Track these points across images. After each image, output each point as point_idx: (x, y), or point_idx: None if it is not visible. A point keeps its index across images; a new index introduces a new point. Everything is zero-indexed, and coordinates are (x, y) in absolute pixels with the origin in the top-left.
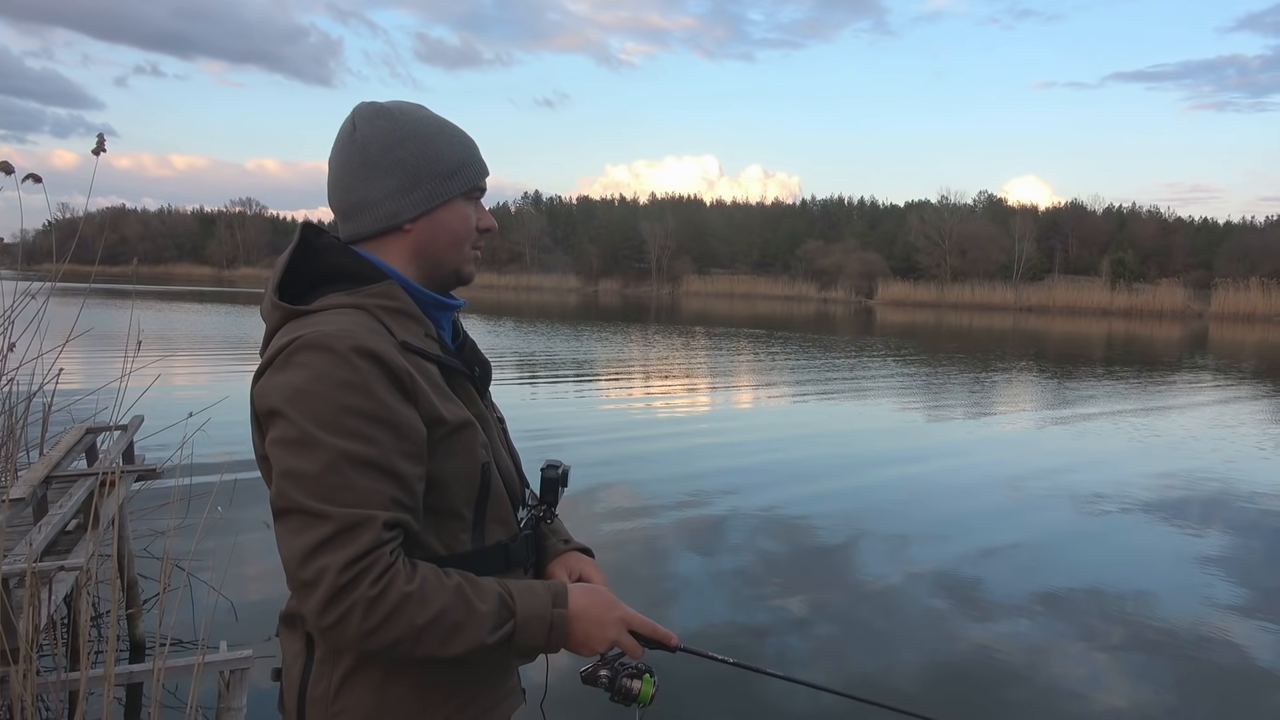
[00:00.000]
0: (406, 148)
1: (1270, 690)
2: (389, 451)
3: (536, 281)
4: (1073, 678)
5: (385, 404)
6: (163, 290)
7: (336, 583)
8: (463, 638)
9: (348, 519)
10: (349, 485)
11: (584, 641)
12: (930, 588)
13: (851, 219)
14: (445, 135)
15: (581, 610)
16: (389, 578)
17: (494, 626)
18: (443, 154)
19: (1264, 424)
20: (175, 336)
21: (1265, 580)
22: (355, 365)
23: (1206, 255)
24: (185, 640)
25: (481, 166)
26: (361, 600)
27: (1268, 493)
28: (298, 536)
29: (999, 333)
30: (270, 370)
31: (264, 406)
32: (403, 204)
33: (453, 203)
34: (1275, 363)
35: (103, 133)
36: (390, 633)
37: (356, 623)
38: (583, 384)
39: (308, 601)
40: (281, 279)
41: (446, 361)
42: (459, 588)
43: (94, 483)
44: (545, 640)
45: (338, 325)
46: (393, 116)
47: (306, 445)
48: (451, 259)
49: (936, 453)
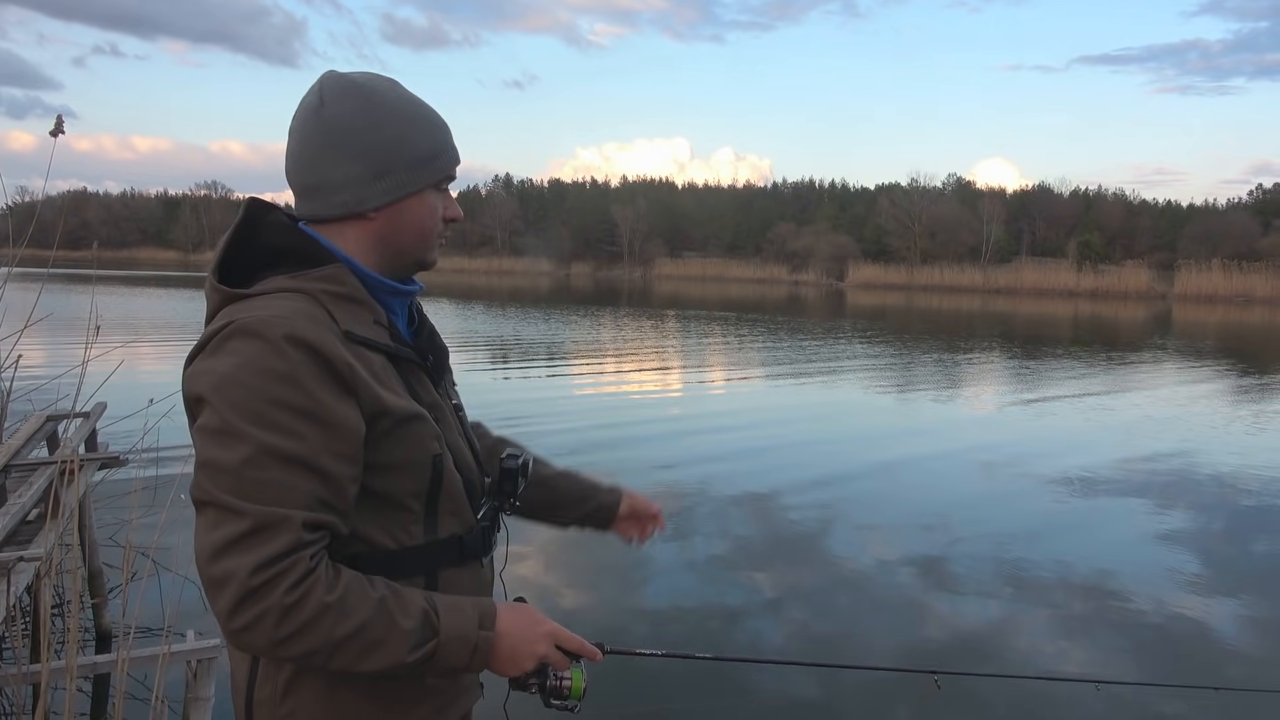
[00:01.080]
0: (377, 132)
1: (1229, 662)
2: (316, 449)
3: (509, 265)
4: (1042, 653)
5: (315, 398)
6: (126, 275)
7: (248, 584)
8: (380, 654)
9: (264, 517)
10: (268, 481)
11: (510, 660)
12: (899, 567)
13: (823, 202)
14: (419, 121)
15: (507, 629)
16: (307, 585)
17: (414, 645)
18: (415, 141)
19: (1223, 403)
20: (139, 322)
21: (1226, 555)
22: (286, 355)
23: (1170, 237)
24: (153, 629)
25: (454, 155)
26: (275, 607)
27: (1228, 469)
28: (210, 532)
29: (967, 314)
30: (201, 355)
31: (191, 393)
32: (368, 192)
33: (422, 194)
34: (1234, 343)
35: (61, 114)
36: (303, 644)
37: (268, 630)
38: (554, 369)
39: (216, 602)
40: (223, 259)
41: (395, 350)
42: (383, 601)
43: (55, 471)
44: (467, 661)
45: (273, 311)
46: (364, 95)
47: (227, 436)
48: (416, 250)
49: (905, 433)
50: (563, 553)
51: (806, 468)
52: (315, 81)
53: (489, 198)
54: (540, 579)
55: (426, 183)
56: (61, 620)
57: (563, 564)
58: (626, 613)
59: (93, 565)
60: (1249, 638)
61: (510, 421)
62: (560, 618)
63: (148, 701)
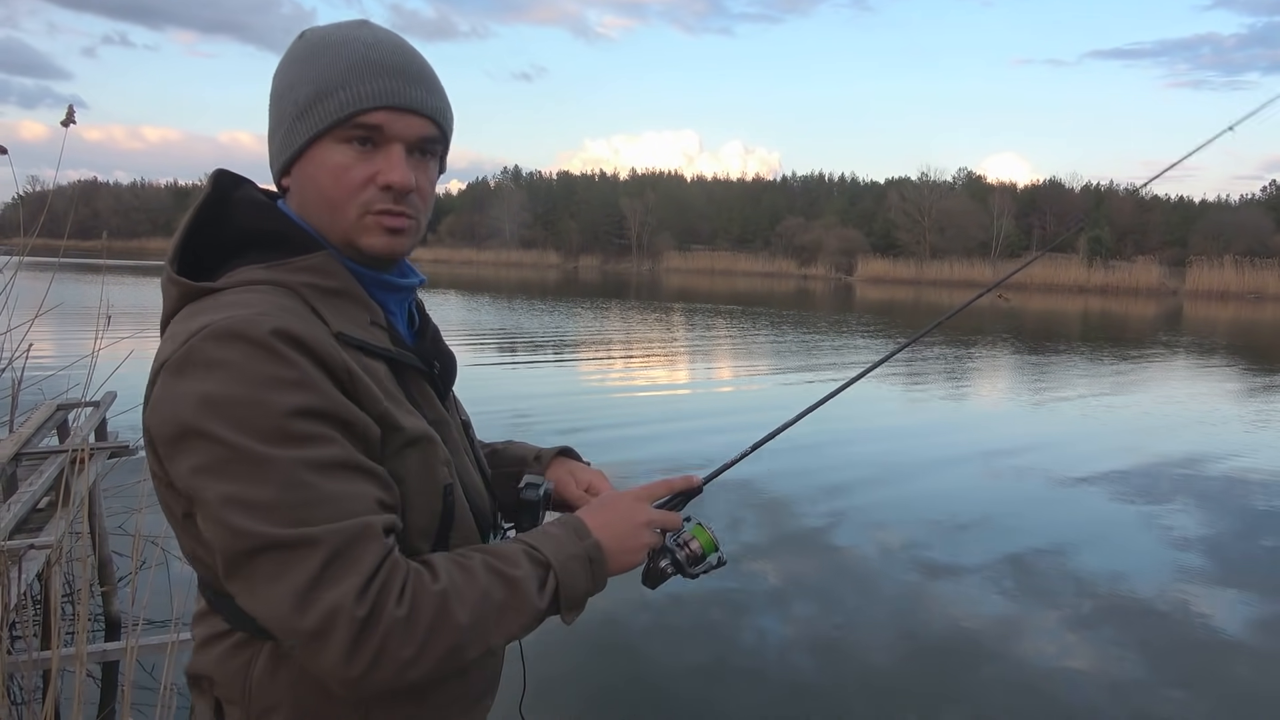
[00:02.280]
0: (278, 77)
1: (1235, 659)
2: (351, 450)
3: (516, 257)
4: (1045, 652)
5: (330, 396)
6: (136, 265)
7: (356, 615)
8: (514, 614)
9: (340, 535)
10: (325, 497)
11: (625, 553)
12: (903, 559)
13: (831, 196)
14: (318, 55)
15: (604, 526)
16: (412, 585)
17: (539, 586)
18: (303, 80)
19: (1235, 402)
20: (148, 312)
21: (1233, 553)
22: (283, 354)
23: (1182, 233)
24: (161, 618)
25: (358, 91)
26: (395, 626)
27: (1238, 467)
28: (278, 581)
29: (976, 310)
30: (166, 374)
31: (167, 428)
32: (272, 151)
33: (315, 148)
34: (1247, 340)
35: (72, 104)
36: (439, 646)
37: (396, 653)
38: (562, 361)
39: (323, 656)
40: (183, 244)
41: (397, 356)
42: (484, 563)
43: (65, 460)
44: (589, 577)
45: (250, 306)
46: (298, 40)
47: (249, 466)
48: (334, 225)
49: (913, 429)
50: None
51: (811, 465)
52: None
53: (497, 190)
54: None
55: (311, 131)
56: (71, 608)
57: None
58: (631, 604)
59: (102, 553)
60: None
61: (513, 419)
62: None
63: (155, 689)
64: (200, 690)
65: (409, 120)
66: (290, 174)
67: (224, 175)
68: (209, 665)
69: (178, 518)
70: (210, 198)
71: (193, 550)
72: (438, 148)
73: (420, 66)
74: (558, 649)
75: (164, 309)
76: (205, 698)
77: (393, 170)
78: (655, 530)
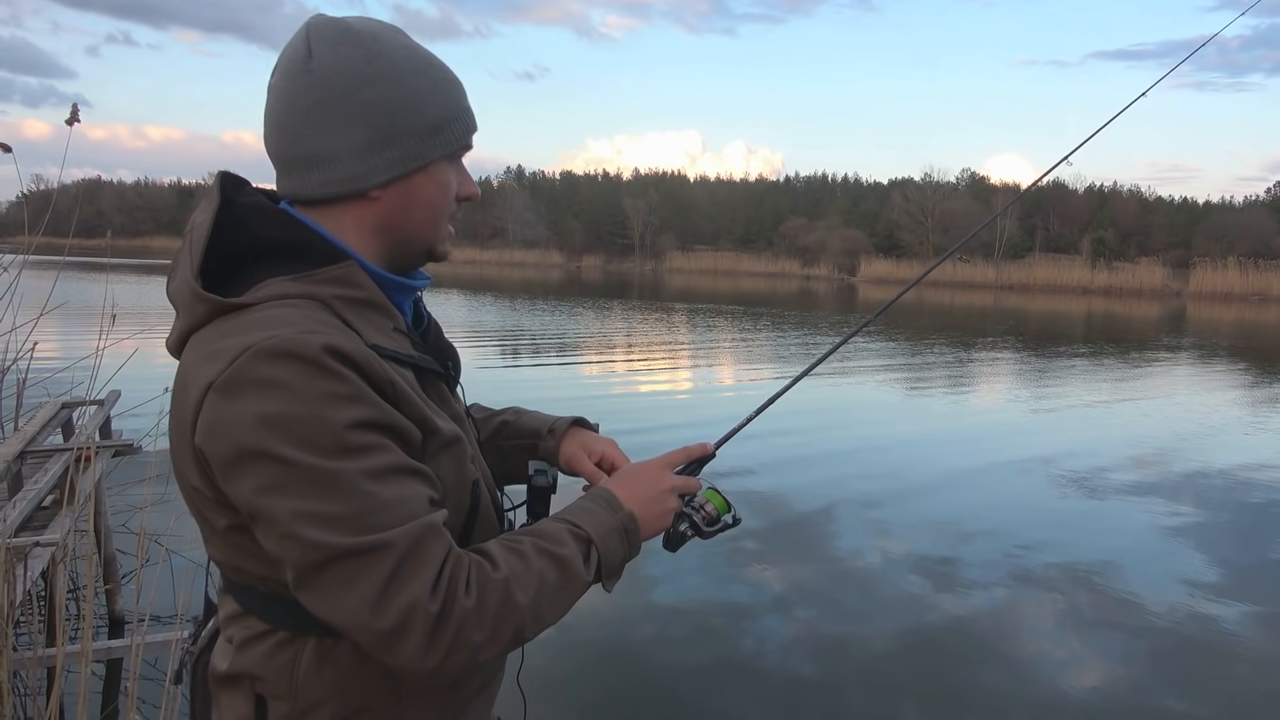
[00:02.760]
0: (378, 88)
1: (1235, 661)
2: (403, 455)
3: (519, 257)
4: (1050, 655)
5: (383, 409)
6: (140, 264)
7: (432, 611)
8: (568, 590)
9: (409, 537)
10: (390, 502)
11: (653, 520)
12: (906, 564)
13: (834, 196)
14: (430, 76)
15: (633, 496)
16: (475, 576)
17: (584, 561)
18: (427, 101)
19: (1237, 404)
20: (152, 310)
21: (1236, 556)
22: (335, 370)
23: (1185, 234)
24: (165, 615)
25: (471, 119)
26: (467, 616)
27: (1240, 470)
28: (353, 586)
29: (980, 311)
30: (217, 396)
31: (225, 450)
32: (371, 165)
33: (434, 166)
34: (1250, 342)
35: (76, 103)
36: (506, 630)
37: (472, 639)
38: (565, 363)
39: (403, 651)
40: (203, 256)
41: (420, 361)
42: (535, 546)
43: (70, 458)
44: (624, 546)
45: (293, 324)
46: (361, 43)
47: (317, 482)
48: (425, 236)
49: (915, 430)
50: None
51: (811, 467)
52: (300, 27)
53: (501, 189)
54: None
55: (440, 153)
56: (75, 605)
57: None
58: (638, 609)
59: (106, 551)
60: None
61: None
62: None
63: (160, 685)
64: (237, 688)
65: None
66: (389, 188)
67: (227, 178)
68: (252, 664)
69: (217, 529)
70: (222, 203)
71: (227, 558)
72: None
73: None
74: (561, 652)
75: (184, 321)
76: (244, 694)
77: (471, 185)
78: (677, 495)
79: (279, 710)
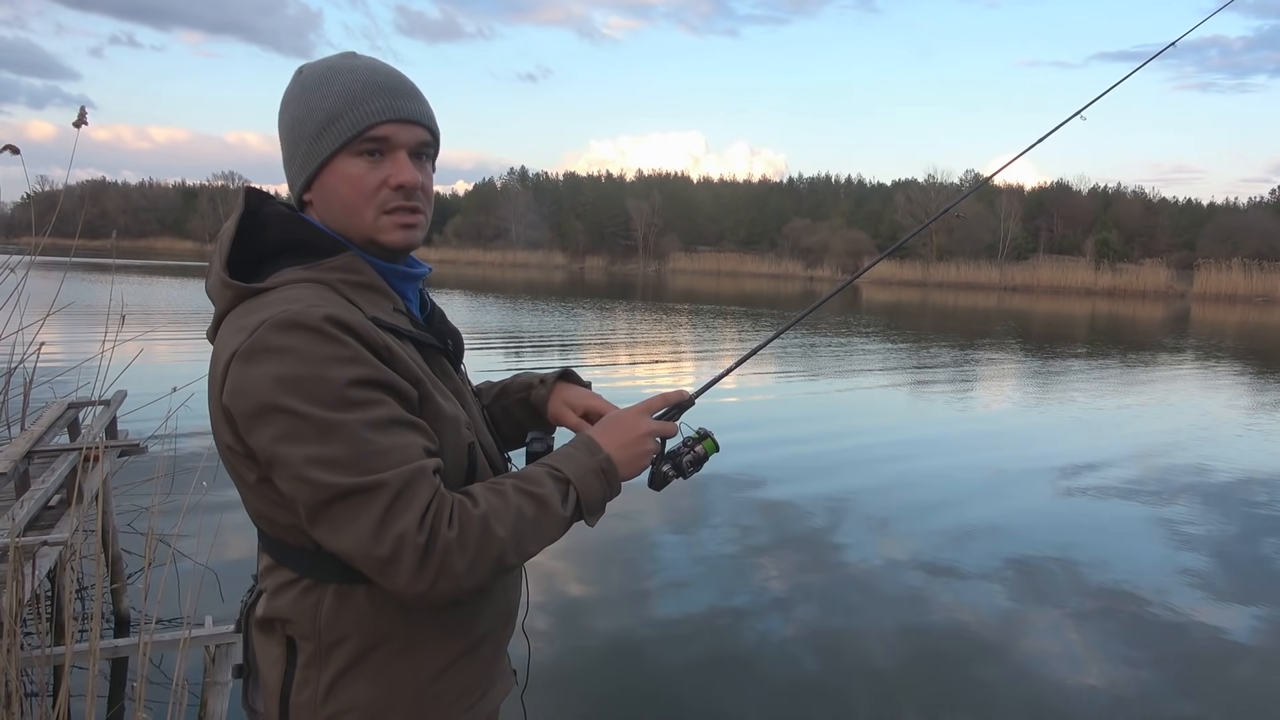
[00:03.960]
0: (289, 109)
1: (1235, 662)
2: (401, 409)
3: (523, 258)
4: (1049, 653)
5: (380, 369)
6: (144, 264)
7: (419, 541)
8: (544, 526)
9: (402, 478)
10: (387, 449)
11: (632, 462)
12: (907, 565)
13: (838, 198)
14: (324, 85)
15: (612, 441)
16: (458, 512)
17: (562, 499)
18: (314, 108)
19: (1240, 407)
20: (157, 312)
21: (1239, 558)
22: (337, 337)
23: (1190, 235)
24: (170, 616)
25: (365, 111)
26: (451, 545)
27: (1239, 471)
28: (355, 520)
29: (983, 312)
30: (239, 363)
31: (247, 406)
32: (292, 174)
33: (334, 162)
34: (1255, 344)
35: (84, 105)
36: (486, 558)
37: (456, 565)
38: (567, 361)
39: (397, 576)
40: (230, 253)
41: (419, 337)
42: (515, 487)
43: (77, 458)
44: (604, 486)
45: (300, 300)
46: (296, 79)
47: (323, 431)
48: (356, 227)
49: (915, 432)
50: (569, 538)
51: (810, 469)
52: None
53: (504, 191)
54: (548, 564)
55: (330, 148)
56: (81, 605)
57: (572, 550)
58: (635, 599)
59: (112, 551)
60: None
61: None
62: (568, 605)
63: (165, 685)
64: (271, 632)
65: (409, 129)
66: (311, 190)
67: (253, 193)
68: (283, 609)
69: (249, 484)
70: (245, 212)
71: (260, 510)
72: (432, 151)
73: (410, 83)
74: (563, 652)
75: (218, 308)
76: (276, 638)
77: (402, 172)
78: (655, 439)
79: (306, 649)
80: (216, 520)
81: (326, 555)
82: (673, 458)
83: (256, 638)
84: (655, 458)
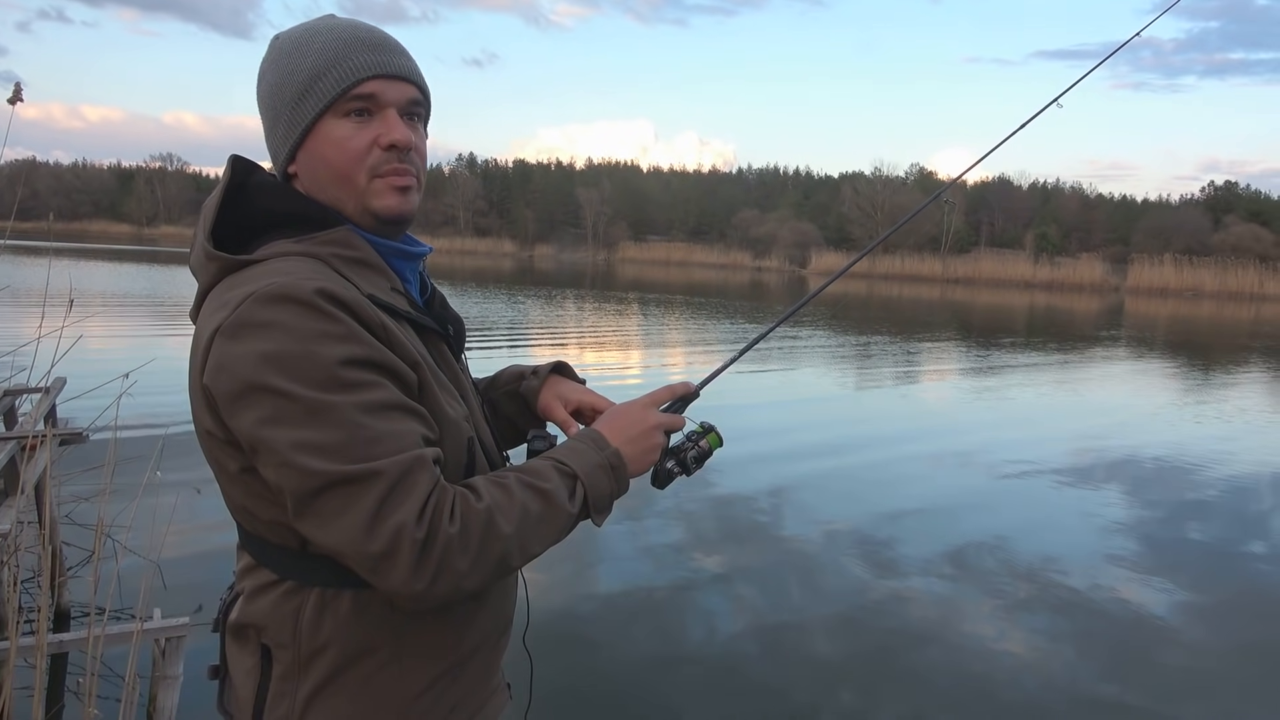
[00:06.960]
0: (265, 80)
1: (1160, 644)
2: (398, 393)
3: (471, 245)
4: (981, 635)
5: (375, 347)
6: (79, 248)
7: (417, 536)
8: (550, 522)
9: (399, 466)
10: (382, 434)
11: (640, 458)
12: (845, 549)
13: (786, 189)
14: (303, 46)
15: (619, 435)
16: (460, 506)
17: (569, 496)
18: (294, 70)
19: (1170, 393)
20: (95, 295)
21: (1161, 540)
22: (328, 311)
23: (1124, 231)
24: (113, 609)
25: (349, 67)
26: (452, 542)
27: (1168, 457)
28: (347, 512)
29: (926, 304)
30: (222, 339)
31: (229, 386)
32: (275, 145)
33: (320, 125)
34: (1184, 336)
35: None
36: (489, 556)
37: (457, 564)
38: (515, 350)
39: (392, 573)
40: (214, 225)
41: (418, 319)
42: (519, 481)
43: (15, 447)
44: (612, 482)
45: (290, 273)
46: (273, 43)
47: (312, 413)
48: (347, 196)
49: (858, 421)
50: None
51: (754, 455)
52: None
53: (452, 177)
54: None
55: (314, 111)
56: (21, 599)
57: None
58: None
59: (53, 543)
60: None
61: None
62: (546, 589)
63: (110, 680)
64: (245, 640)
65: (398, 86)
66: (297, 160)
67: (240, 162)
68: (259, 614)
69: (231, 473)
70: (231, 182)
71: (241, 503)
72: (423, 110)
73: (394, 40)
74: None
75: (200, 283)
76: (250, 647)
77: (393, 130)
78: (663, 433)
79: (284, 659)
80: (155, 509)
81: (311, 557)
82: (676, 453)
83: (230, 645)
84: (660, 462)
